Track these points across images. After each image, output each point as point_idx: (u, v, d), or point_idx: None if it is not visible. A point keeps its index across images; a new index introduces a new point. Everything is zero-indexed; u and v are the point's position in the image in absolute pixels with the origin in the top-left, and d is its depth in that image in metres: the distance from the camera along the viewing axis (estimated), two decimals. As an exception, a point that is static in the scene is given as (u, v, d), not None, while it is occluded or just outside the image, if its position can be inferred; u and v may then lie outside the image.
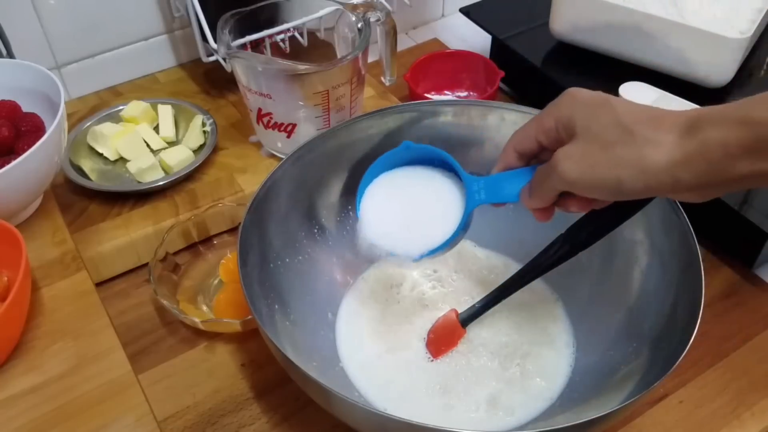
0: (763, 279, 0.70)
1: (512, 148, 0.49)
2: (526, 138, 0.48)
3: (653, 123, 0.40)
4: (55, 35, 0.82)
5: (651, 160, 0.40)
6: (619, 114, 0.41)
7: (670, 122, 0.40)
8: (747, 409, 0.60)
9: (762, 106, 0.36)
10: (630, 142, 0.40)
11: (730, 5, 0.79)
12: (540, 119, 0.47)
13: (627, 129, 0.41)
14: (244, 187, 0.74)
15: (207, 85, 0.87)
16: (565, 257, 0.56)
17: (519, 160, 0.49)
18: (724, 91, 0.78)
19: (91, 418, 0.55)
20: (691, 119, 0.39)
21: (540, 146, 0.48)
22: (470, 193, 0.52)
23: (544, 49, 0.86)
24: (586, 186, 0.43)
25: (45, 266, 0.64)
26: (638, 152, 0.40)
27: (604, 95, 0.44)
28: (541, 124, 0.46)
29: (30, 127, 0.68)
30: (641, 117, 0.41)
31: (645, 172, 0.40)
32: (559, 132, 0.45)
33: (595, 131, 0.42)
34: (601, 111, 0.42)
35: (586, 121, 0.43)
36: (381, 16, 0.72)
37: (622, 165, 0.41)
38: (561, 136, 0.45)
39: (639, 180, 0.40)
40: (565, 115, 0.44)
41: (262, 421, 0.59)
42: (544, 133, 0.46)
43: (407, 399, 0.57)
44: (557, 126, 0.45)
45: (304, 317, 0.60)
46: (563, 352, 0.60)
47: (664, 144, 0.39)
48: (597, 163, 0.42)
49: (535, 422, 0.55)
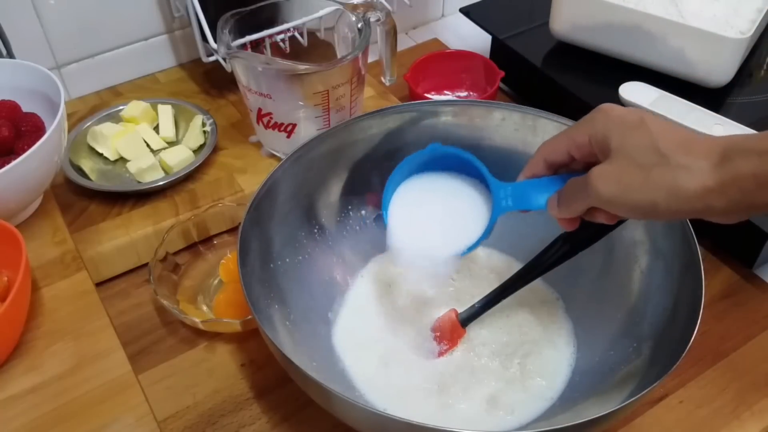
0: (763, 279, 0.70)
1: (542, 159, 0.49)
2: (557, 151, 0.48)
3: (686, 148, 0.41)
4: (55, 35, 0.82)
5: (685, 186, 0.41)
6: (654, 137, 0.42)
7: (703, 149, 0.41)
8: (747, 409, 0.60)
9: None
10: (665, 166, 0.41)
11: (730, 5, 0.79)
12: (572, 134, 0.47)
13: (661, 153, 0.41)
14: (244, 187, 0.74)
15: (207, 85, 0.87)
16: (565, 257, 0.56)
17: (547, 170, 0.50)
18: (724, 91, 0.78)
19: (91, 418, 0.55)
20: (724, 148, 0.40)
21: (571, 159, 0.48)
22: (497, 200, 0.52)
23: (544, 49, 0.86)
24: (620, 206, 0.44)
25: (45, 266, 0.64)
26: (672, 177, 0.41)
27: (639, 113, 0.44)
28: (574, 140, 0.47)
29: (30, 127, 0.68)
30: (675, 141, 0.42)
31: (679, 197, 0.41)
32: (593, 148, 0.45)
33: (630, 152, 0.43)
34: (636, 132, 0.43)
35: (621, 141, 0.43)
36: (381, 16, 0.72)
37: (657, 189, 0.41)
38: (594, 151, 0.45)
39: (672, 204, 0.41)
40: (600, 132, 0.44)
41: (262, 421, 0.59)
42: (577, 148, 0.47)
43: (407, 399, 0.57)
44: (591, 142, 0.45)
45: (304, 317, 0.60)
46: (564, 352, 0.60)
47: (698, 171, 0.40)
48: (632, 185, 0.42)
49: (535, 422, 0.55)
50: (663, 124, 0.43)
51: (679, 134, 0.42)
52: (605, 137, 0.44)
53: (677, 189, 0.41)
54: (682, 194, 0.41)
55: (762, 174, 0.39)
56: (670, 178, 0.41)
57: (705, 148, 0.41)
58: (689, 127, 0.69)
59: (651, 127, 0.43)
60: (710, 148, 0.41)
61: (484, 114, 0.64)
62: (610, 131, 0.44)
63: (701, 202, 0.41)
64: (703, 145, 0.41)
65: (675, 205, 0.41)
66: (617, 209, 0.44)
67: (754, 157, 0.39)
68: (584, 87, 0.80)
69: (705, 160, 0.40)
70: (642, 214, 0.43)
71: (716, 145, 0.41)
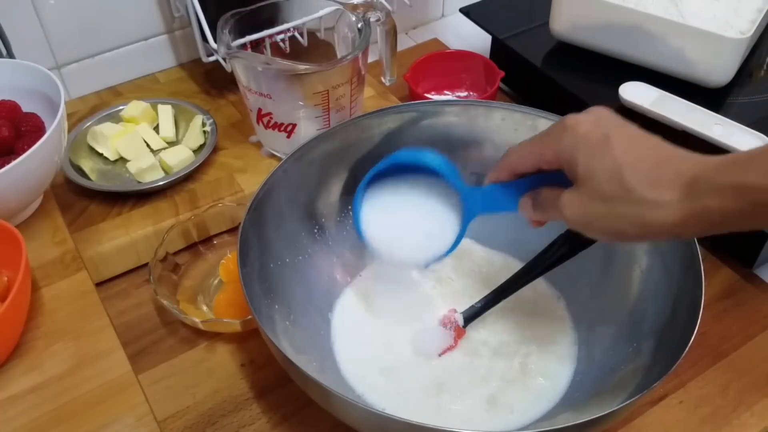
0: (763, 279, 0.70)
1: (509, 168, 0.50)
2: (525, 164, 0.49)
3: (651, 181, 0.41)
4: (55, 35, 0.82)
5: (651, 220, 0.41)
6: (618, 162, 0.42)
7: (669, 180, 0.41)
8: (747, 409, 0.60)
9: (755, 171, 0.38)
10: (629, 200, 0.42)
11: (730, 5, 0.79)
12: (540, 149, 0.47)
13: (625, 187, 0.42)
14: (244, 187, 0.74)
15: (207, 85, 0.87)
16: (565, 257, 0.56)
17: (514, 178, 0.51)
18: (724, 91, 0.78)
19: (91, 418, 0.55)
20: (691, 178, 0.40)
21: (539, 171, 0.49)
22: (468, 205, 0.54)
23: (544, 49, 0.86)
24: (589, 232, 0.45)
25: (45, 266, 0.64)
26: (638, 212, 0.41)
27: (603, 128, 0.43)
28: (543, 156, 0.47)
29: (30, 127, 0.68)
30: (640, 171, 0.41)
31: (645, 229, 0.42)
32: (561, 165, 0.46)
33: (594, 181, 0.43)
34: (600, 155, 0.43)
35: (587, 165, 0.43)
36: (381, 16, 0.72)
37: (623, 220, 0.42)
38: (562, 167, 0.46)
39: (640, 234, 0.42)
40: (567, 152, 0.45)
41: (262, 421, 0.59)
42: (546, 163, 0.47)
43: (407, 399, 0.57)
44: (559, 160, 0.46)
45: (304, 317, 0.60)
46: (565, 351, 0.60)
47: (664, 207, 0.41)
48: (599, 216, 0.43)
49: (535, 422, 0.55)
50: (627, 143, 0.43)
51: (645, 158, 0.42)
52: (573, 158, 0.44)
53: (643, 222, 0.42)
54: (650, 227, 0.42)
55: (729, 210, 0.39)
56: (634, 213, 0.42)
57: (671, 178, 0.41)
58: (689, 127, 0.69)
59: (614, 149, 0.42)
60: (677, 178, 0.40)
61: (484, 114, 0.64)
62: (576, 152, 0.44)
63: (669, 233, 0.42)
64: (668, 174, 0.41)
65: (643, 235, 0.42)
66: (587, 234, 0.45)
67: (719, 194, 0.39)
68: (584, 87, 0.80)
69: (670, 194, 0.40)
70: (611, 240, 0.46)
71: (683, 175, 0.40)
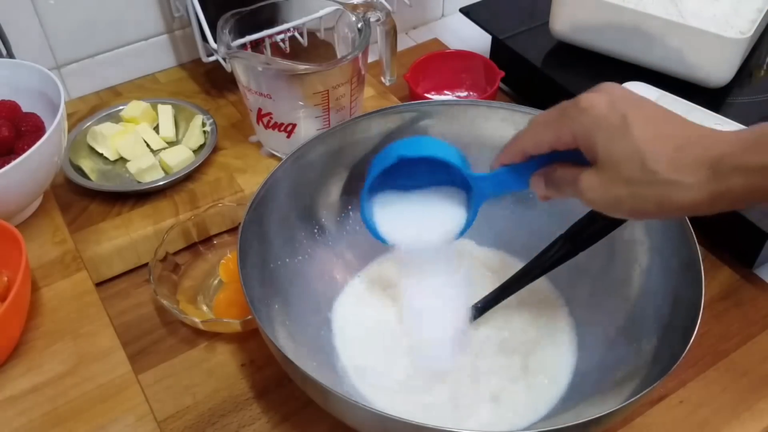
0: (763, 279, 0.70)
1: (522, 151, 0.49)
2: (541, 145, 0.47)
3: (675, 164, 0.41)
4: (55, 35, 0.82)
5: (675, 200, 0.41)
6: (640, 147, 0.42)
7: (692, 162, 0.41)
8: (747, 409, 0.60)
9: None
10: (653, 182, 0.41)
11: (730, 5, 0.79)
12: (556, 132, 0.46)
13: (649, 169, 0.41)
14: (244, 187, 0.74)
15: (207, 85, 0.87)
16: (565, 257, 0.56)
17: (525, 160, 0.49)
18: (724, 91, 0.78)
19: (91, 418, 0.55)
20: (714, 160, 0.40)
21: (553, 151, 0.47)
22: (477, 189, 0.53)
23: (544, 49, 0.86)
24: (610, 213, 0.45)
25: (45, 266, 0.64)
26: (661, 193, 0.41)
27: (621, 111, 0.43)
28: (559, 137, 0.46)
29: (30, 127, 0.68)
30: (662, 154, 0.41)
31: (668, 208, 0.42)
32: (578, 145, 0.45)
33: (616, 164, 0.43)
34: (621, 139, 0.42)
35: (607, 148, 0.43)
36: (381, 16, 0.72)
37: (647, 201, 0.42)
38: (578, 147, 0.45)
39: (661, 212, 0.43)
40: (585, 133, 0.44)
41: (262, 421, 0.59)
42: (563, 144, 0.46)
43: (407, 398, 0.57)
44: (577, 141, 0.45)
45: (304, 317, 0.60)
46: (566, 350, 0.60)
47: (688, 187, 0.41)
48: (622, 198, 0.43)
49: (536, 421, 0.55)
50: (646, 123, 0.42)
51: (666, 139, 0.42)
52: (591, 141, 0.43)
53: (667, 203, 0.42)
54: (672, 206, 0.42)
55: (755, 189, 0.39)
56: (659, 193, 0.41)
57: (694, 159, 0.41)
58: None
59: (634, 131, 0.42)
60: (700, 159, 0.40)
61: (484, 114, 0.64)
62: (595, 134, 0.43)
63: (691, 211, 0.42)
64: (691, 155, 0.41)
65: (664, 214, 0.43)
66: (608, 214, 0.45)
67: (745, 173, 0.39)
68: (584, 87, 0.79)
69: (695, 176, 0.40)
70: (629, 217, 0.46)
71: (707, 155, 0.40)
